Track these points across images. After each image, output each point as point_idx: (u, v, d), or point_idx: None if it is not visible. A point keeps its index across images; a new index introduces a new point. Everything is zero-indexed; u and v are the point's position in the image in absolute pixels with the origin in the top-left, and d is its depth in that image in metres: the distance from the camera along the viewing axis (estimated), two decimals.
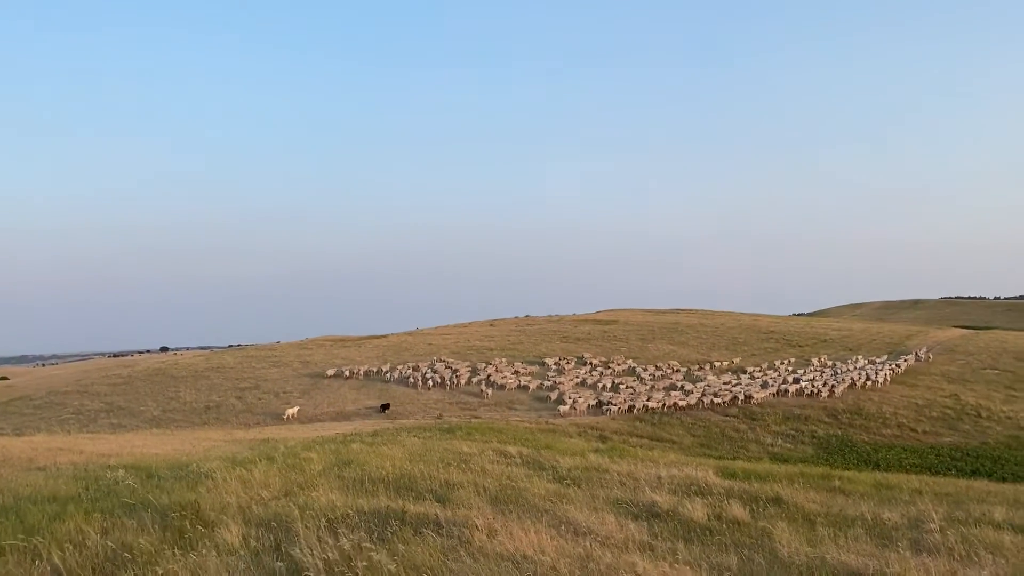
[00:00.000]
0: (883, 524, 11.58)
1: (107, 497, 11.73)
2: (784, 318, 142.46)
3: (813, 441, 47.84)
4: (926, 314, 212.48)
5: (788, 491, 14.59)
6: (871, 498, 15.10)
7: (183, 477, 13.87)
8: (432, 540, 8.41)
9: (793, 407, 54.73)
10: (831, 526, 11.10)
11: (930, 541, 10.31)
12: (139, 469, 15.86)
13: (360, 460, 16.51)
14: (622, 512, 11.52)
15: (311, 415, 54.09)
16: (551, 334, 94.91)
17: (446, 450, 20.45)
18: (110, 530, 9.16)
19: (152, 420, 53.76)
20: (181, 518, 9.58)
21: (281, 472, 14.19)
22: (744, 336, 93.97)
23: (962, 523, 11.93)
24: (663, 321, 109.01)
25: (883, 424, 51.68)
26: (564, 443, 28.79)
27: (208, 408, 57.87)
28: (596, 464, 18.18)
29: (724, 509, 11.86)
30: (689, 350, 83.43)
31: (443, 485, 13.11)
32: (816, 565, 8.32)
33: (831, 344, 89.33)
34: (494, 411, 53.62)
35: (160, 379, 69.55)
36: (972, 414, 54.26)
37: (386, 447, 20.85)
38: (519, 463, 18.16)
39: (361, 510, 10.20)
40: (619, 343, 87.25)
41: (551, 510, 11.09)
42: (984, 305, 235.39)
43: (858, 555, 9.08)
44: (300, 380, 66.77)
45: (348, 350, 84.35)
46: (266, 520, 9.54)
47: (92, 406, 59.54)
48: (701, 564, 8.11)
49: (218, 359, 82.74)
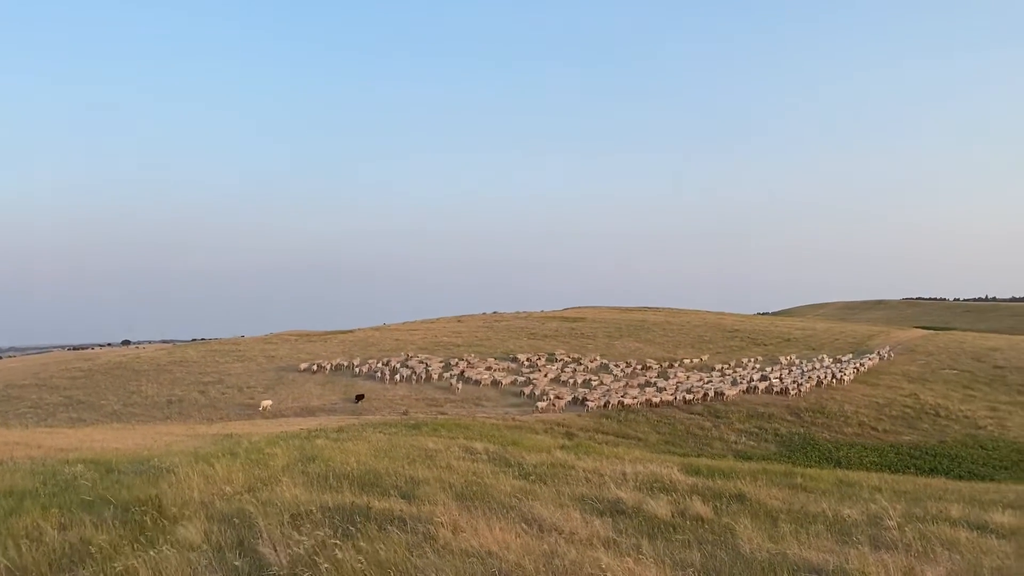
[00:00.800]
0: (843, 521, 11.74)
1: (65, 492, 11.52)
2: (749, 317, 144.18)
3: (776, 439, 48.48)
4: (888, 314, 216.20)
5: (751, 488, 14.73)
6: (832, 495, 15.30)
7: (144, 472, 13.65)
8: (397, 537, 8.37)
9: (757, 405, 55.40)
10: (793, 523, 11.22)
11: (888, 538, 10.47)
12: (99, 464, 15.59)
13: (325, 456, 16.38)
14: (587, 508, 11.55)
15: (276, 410, 53.65)
16: (519, 331, 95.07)
17: (412, 446, 20.39)
18: (68, 526, 8.99)
19: (113, 414, 52.95)
20: (142, 513, 9.42)
21: (244, 467, 14.03)
22: (710, 334, 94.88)
23: (920, 520, 12.14)
24: (630, 319, 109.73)
25: (845, 422, 52.53)
26: (531, 440, 28.85)
27: (170, 402, 57.14)
28: (562, 461, 18.23)
29: (688, 506, 11.94)
30: (655, 348, 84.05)
31: (408, 481, 13.05)
32: (778, 561, 8.40)
33: (795, 343, 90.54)
34: (461, 407, 53.61)
35: (121, 373, 68.51)
36: (931, 413, 55.36)
37: (351, 443, 20.73)
38: (485, 459, 18.15)
39: (325, 506, 10.11)
40: (587, 340, 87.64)
41: (517, 506, 11.08)
42: (944, 306, 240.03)
43: (819, 551, 9.19)
44: (265, 375, 66.18)
45: (314, 345, 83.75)
46: (229, 516, 9.43)
47: (51, 400, 58.50)
48: (665, 560, 8.15)
49: (181, 353, 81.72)
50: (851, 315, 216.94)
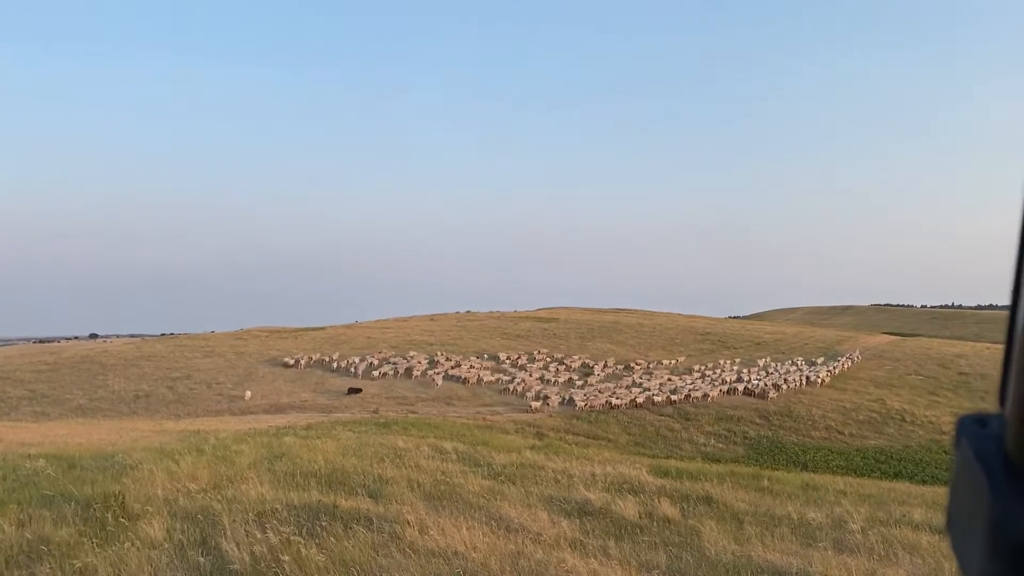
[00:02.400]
0: (808, 524, 11.86)
1: (25, 488, 11.32)
2: (720, 320, 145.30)
3: (745, 441, 48.91)
4: (856, 320, 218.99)
5: (718, 490, 14.84)
6: (798, 498, 15.45)
7: (107, 468, 13.45)
8: (363, 535, 8.32)
9: (726, 408, 55.85)
10: (759, 525, 11.31)
11: (852, 541, 10.59)
12: (61, 459, 15.34)
13: (292, 454, 16.26)
14: (555, 509, 11.57)
15: (243, 407, 53.14)
16: (492, 330, 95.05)
17: (381, 445, 20.30)
18: (27, 522, 8.82)
19: (78, 409, 52.16)
20: (104, 510, 9.28)
21: (210, 464, 13.88)
22: (681, 337, 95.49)
23: (883, 524, 12.30)
24: (603, 320, 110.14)
25: (812, 426, 53.12)
26: (501, 439, 28.86)
27: (137, 398, 56.42)
28: (532, 461, 18.24)
29: (655, 507, 12.00)
30: (627, 349, 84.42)
31: (376, 480, 12.98)
32: (742, 563, 8.46)
33: (765, 347, 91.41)
34: (432, 406, 53.47)
35: (88, 367, 67.49)
36: (897, 418, 56.15)
37: (320, 441, 20.59)
38: (455, 459, 18.11)
39: (291, 504, 10.03)
40: (559, 340, 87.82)
41: (485, 506, 11.07)
42: (911, 313, 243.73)
43: (783, 554, 9.28)
44: (234, 370, 65.56)
45: (285, 341, 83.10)
46: (192, 513, 9.31)
47: (14, 393, 57.50)
48: (631, 561, 8.18)
49: (149, 347, 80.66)
50: (820, 320, 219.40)
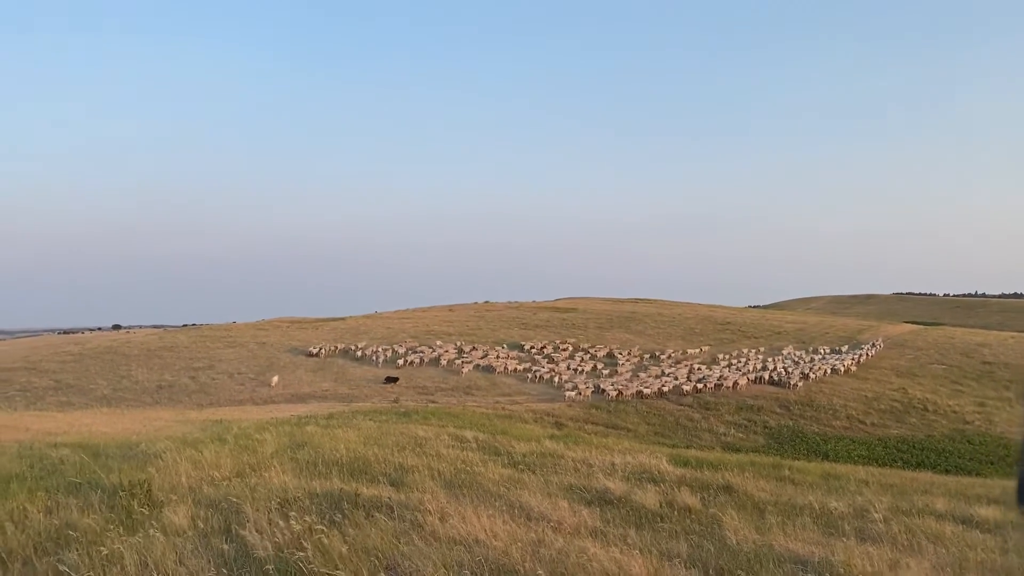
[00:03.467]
0: (830, 513, 11.80)
1: (52, 476, 11.49)
2: (740, 310, 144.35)
3: (765, 431, 48.67)
4: (878, 309, 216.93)
5: (739, 480, 14.79)
6: (819, 488, 15.37)
7: (132, 457, 13.62)
8: (384, 523, 8.37)
9: (747, 397, 55.60)
10: (780, 514, 11.26)
11: (874, 530, 10.53)
12: (86, 448, 15.54)
13: (314, 442, 16.38)
14: (575, 498, 11.58)
15: (265, 397, 53.55)
16: (510, 320, 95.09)
17: (402, 434, 20.39)
18: (54, 509, 8.95)
19: (102, 399, 52.77)
20: (129, 498, 9.39)
21: (233, 453, 14.01)
22: (700, 327, 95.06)
23: (906, 513, 12.21)
24: (621, 310, 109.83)
25: (833, 416, 52.76)
26: (520, 429, 28.91)
27: (160, 388, 56.99)
28: (551, 450, 18.26)
29: (676, 496, 11.98)
30: (646, 339, 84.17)
31: (397, 469, 13.05)
32: (763, 552, 8.44)
33: (785, 336, 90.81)
34: (451, 396, 53.63)
35: (111, 357, 68.26)
36: (919, 408, 55.66)
37: (341, 430, 20.72)
38: (475, 448, 18.16)
39: (314, 493, 10.10)
40: (577, 331, 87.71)
41: (505, 495, 11.10)
42: (933, 302, 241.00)
43: (805, 543, 9.24)
44: (256, 361, 66.04)
45: (305, 332, 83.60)
46: (216, 501, 9.41)
47: (40, 383, 58.24)
48: (651, 550, 8.17)
49: (172, 338, 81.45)
50: (841, 309, 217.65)
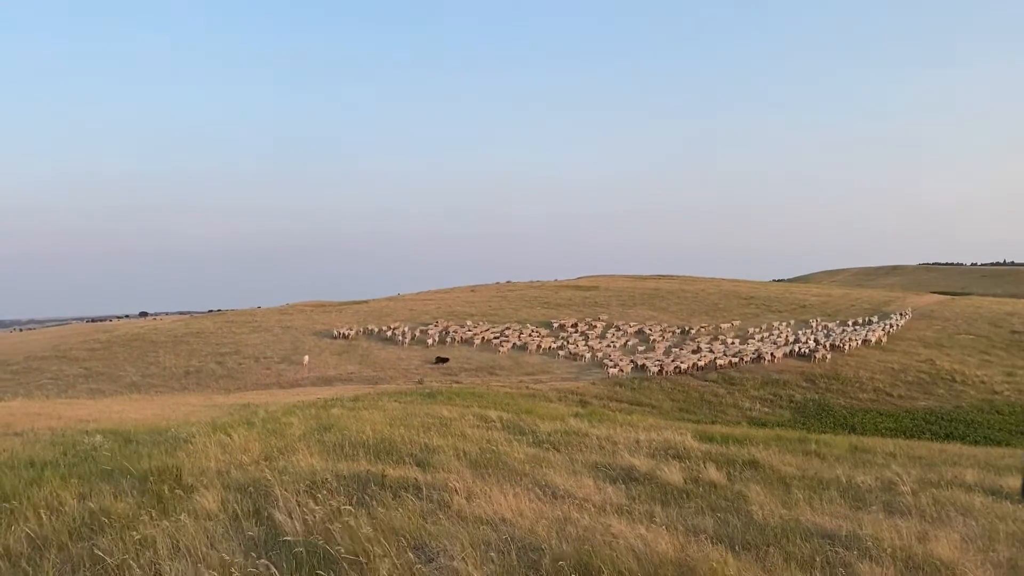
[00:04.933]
0: (857, 487, 11.76)
1: (85, 462, 11.67)
2: (764, 284, 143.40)
3: (791, 405, 48.43)
4: (904, 280, 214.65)
5: (764, 455, 14.77)
6: (846, 461, 15.31)
7: (162, 442, 13.80)
8: (411, 504, 8.44)
9: (772, 372, 55.31)
10: (806, 489, 11.24)
11: (902, 503, 10.48)
12: (117, 434, 15.78)
13: (341, 425, 16.52)
14: (600, 476, 11.62)
15: (292, 380, 54.05)
16: (532, 300, 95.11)
17: (427, 415, 20.51)
18: (87, 495, 9.09)
19: (131, 385, 53.49)
20: (160, 483, 9.53)
21: (261, 437, 14.17)
22: (724, 302, 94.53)
23: (934, 485, 12.14)
24: (644, 287, 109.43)
25: (859, 388, 52.38)
26: (544, 408, 28.96)
27: (188, 373, 57.66)
28: (576, 428, 18.29)
29: (701, 473, 11.99)
30: (669, 316, 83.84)
31: (423, 449, 13.14)
32: (790, 527, 8.43)
33: (811, 309, 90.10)
34: (475, 376, 53.83)
35: (139, 344, 69.10)
36: (947, 379, 55.10)
37: (367, 412, 20.89)
38: (499, 428, 18.24)
39: (341, 474, 10.20)
40: (600, 309, 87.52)
41: (530, 474, 11.15)
42: (961, 271, 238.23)
43: (832, 517, 9.22)
44: (280, 345, 66.60)
45: (329, 315, 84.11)
46: (245, 485, 9.52)
47: (70, 371, 59.12)
48: (677, 527, 8.18)
49: (198, 324, 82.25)
50: (867, 281, 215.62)
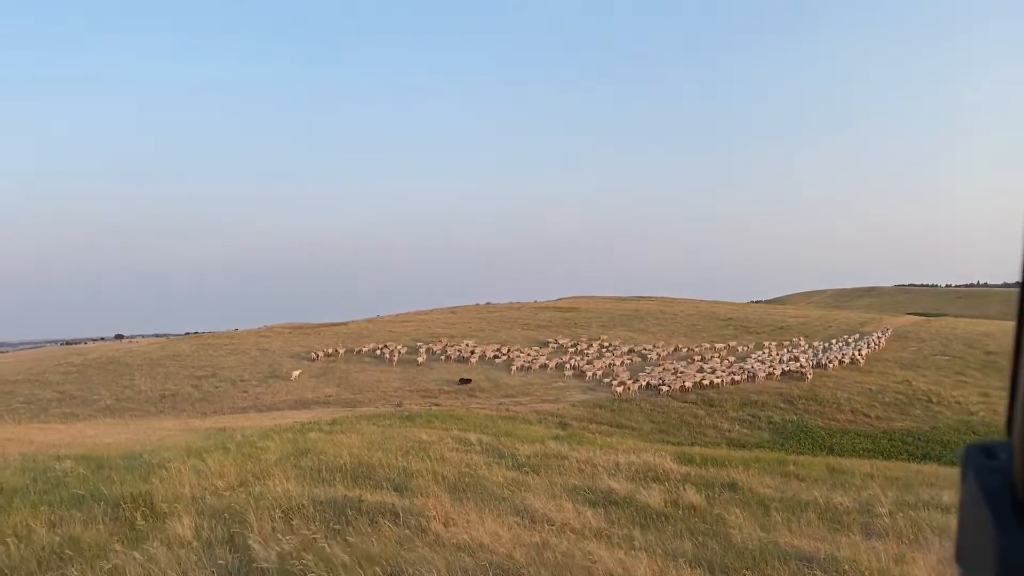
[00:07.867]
0: (835, 508, 11.78)
1: (56, 489, 11.45)
2: (742, 305, 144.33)
3: (769, 426, 48.61)
4: (880, 301, 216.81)
5: (743, 477, 14.76)
6: (824, 483, 15.33)
7: (135, 467, 13.58)
8: (388, 530, 8.36)
9: (751, 393, 55.53)
10: (785, 511, 11.24)
11: (880, 525, 10.51)
12: (90, 459, 15.51)
13: (318, 449, 16.34)
14: (580, 499, 11.56)
15: (269, 403, 53.54)
16: (512, 321, 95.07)
17: (406, 438, 20.34)
18: (58, 523, 8.94)
19: (105, 409, 52.79)
20: (132, 510, 9.38)
21: (236, 462, 13.98)
22: (703, 323, 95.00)
23: (911, 507, 12.18)
24: (623, 308, 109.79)
25: (837, 409, 52.69)
26: (524, 430, 28.84)
27: (163, 397, 57.01)
28: (555, 451, 18.20)
29: (680, 495, 11.96)
30: (649, 337, 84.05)
31: (401, 474, 13.02)
32: (769, 550, 8.42)
33: (789, 331, 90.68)
34: (454, 398, 53.60)
35: (114, 367, 68.28)
36: (923, 400, 55.56)
37: (344, 436, 20.68)
38: (479, 451, 18.12)
39: (317, 500, 10.09)
40: (580, 330, 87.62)
41: (509, 498, 11.08)
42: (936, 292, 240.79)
43: (810, 539, 9.22)
44: (258, 368, 66.03)
45: (308, 338, 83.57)
46: (220, 511, 9.39)
47: (43, 395, 58.28)
48: (656, 550, 8.15)
49: (174, 347, 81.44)
50: (843, 302, 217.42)
